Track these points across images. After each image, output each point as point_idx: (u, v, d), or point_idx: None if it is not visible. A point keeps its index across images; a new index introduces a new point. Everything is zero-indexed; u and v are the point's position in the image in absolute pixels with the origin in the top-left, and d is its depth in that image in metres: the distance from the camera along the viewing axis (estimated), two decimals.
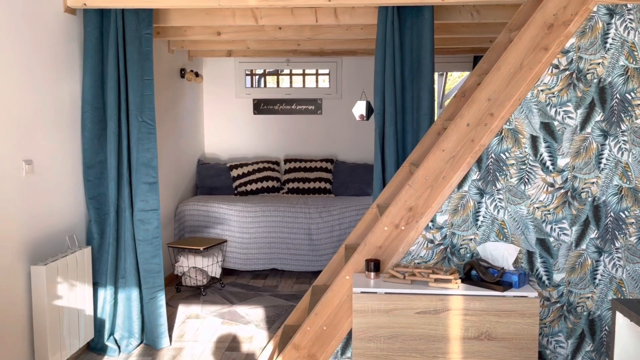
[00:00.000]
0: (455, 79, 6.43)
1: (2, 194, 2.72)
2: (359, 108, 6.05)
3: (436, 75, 7.08)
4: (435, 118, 3.36)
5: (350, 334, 2.52)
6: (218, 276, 4.90)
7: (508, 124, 2.46)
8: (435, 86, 6.71)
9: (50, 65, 3.11)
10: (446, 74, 7.63)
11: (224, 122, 6.24)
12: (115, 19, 3.32)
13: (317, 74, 6.30)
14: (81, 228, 3.45)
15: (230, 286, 4.91)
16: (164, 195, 4.87)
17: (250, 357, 3.41)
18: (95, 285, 3.41)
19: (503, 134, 2.47)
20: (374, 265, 2.42)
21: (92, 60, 3.35)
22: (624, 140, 2.43)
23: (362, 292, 2.31)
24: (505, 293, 2.25)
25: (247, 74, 6.25)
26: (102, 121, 3.42)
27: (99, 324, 3.42)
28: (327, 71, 6.21)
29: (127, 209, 3.43)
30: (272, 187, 5.85)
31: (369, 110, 6.08)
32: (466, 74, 6.67)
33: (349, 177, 5.82)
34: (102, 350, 3.41)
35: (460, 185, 2.49)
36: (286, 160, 6.02)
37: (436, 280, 2.32)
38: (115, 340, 3.47)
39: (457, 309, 2.26)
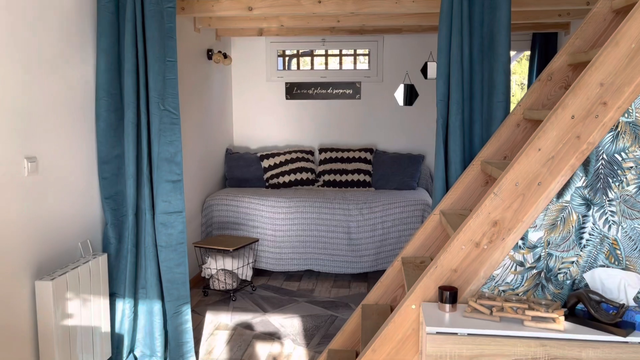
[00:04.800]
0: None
1: (1, 199, 2.30)
2: (402, 92, 5.50)
3: None
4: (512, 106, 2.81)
5: None
6: (249, 279, 4.47)
7: (626, 115, 1.91)
8: None
9: (58, 46, 2.66)
10: None
11: (254, 108, 5.77)
12: None
13: (355, 55, 5.75)
14: (96, 233, 3.03)
15: (262, 289, 4.47)
16: (190, 187, 4.44)
17: None
18: (113, 296, 3.00)
19: (619, 129, 1.92)
20: (451, 296, 1.93)
21: (107, 39, 2.89)
22: None
23: (437, 333, 1.81)
24: (628, 339, 1.73)
25: (279, 56, 5.74)
26: (119, 110, 2.98)
27: (117, 341, 3.01)
28: (366, 51, 5.65)
29: (148, 210, 2.99)
30: (306, 180, 5.36)
31: (412, 94, 5.53)
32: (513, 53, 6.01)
33: (391, 168, 5.29)
34: None
35: (560, 194, 1.96)
36: (321, 150, 5.53)
37: (533, 318, 1.81)
38: (135, 358, 3.07)
39: (563, 357, 1.75)
